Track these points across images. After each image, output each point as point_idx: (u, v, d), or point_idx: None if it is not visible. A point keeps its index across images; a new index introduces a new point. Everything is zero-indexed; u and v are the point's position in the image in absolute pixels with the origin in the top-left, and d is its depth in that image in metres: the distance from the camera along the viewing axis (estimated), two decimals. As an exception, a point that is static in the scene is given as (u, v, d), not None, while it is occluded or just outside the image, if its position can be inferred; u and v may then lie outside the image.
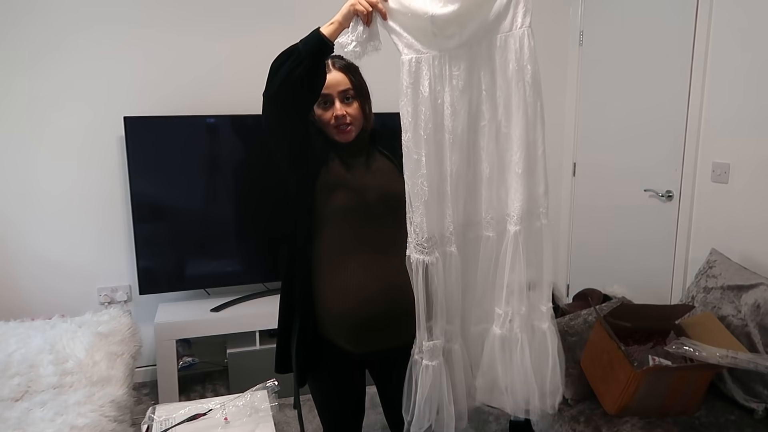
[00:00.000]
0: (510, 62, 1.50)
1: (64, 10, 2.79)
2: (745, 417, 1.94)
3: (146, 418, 1.88)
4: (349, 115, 1.58)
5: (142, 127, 2.80)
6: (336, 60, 1.58)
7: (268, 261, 3.11)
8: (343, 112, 1.57)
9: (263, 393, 1.98)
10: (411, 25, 1.51)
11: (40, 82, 2.82)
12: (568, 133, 3.59)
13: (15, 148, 2.84)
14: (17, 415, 1.97)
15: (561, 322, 2.44)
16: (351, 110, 1.59)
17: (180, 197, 2.91)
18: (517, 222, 1.52)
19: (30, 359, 2.22)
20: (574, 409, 2.07)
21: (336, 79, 1.56)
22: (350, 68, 1.60)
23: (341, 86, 1.57)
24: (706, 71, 2.61)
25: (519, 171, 1.52)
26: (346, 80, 1.57)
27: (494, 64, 1.52)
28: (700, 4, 2.60)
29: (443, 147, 1.51)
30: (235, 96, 3.06)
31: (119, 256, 3.06)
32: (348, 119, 1.58)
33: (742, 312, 2.07)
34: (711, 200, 2.64)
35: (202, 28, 2.98)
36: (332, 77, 1.56)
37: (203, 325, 2.88)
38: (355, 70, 1.62)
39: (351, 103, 1.59)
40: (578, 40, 3.45)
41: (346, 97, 1.58)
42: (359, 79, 1.62)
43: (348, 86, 1.58)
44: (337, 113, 1.56)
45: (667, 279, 2.88)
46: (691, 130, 2.70)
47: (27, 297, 2.94)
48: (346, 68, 1.59)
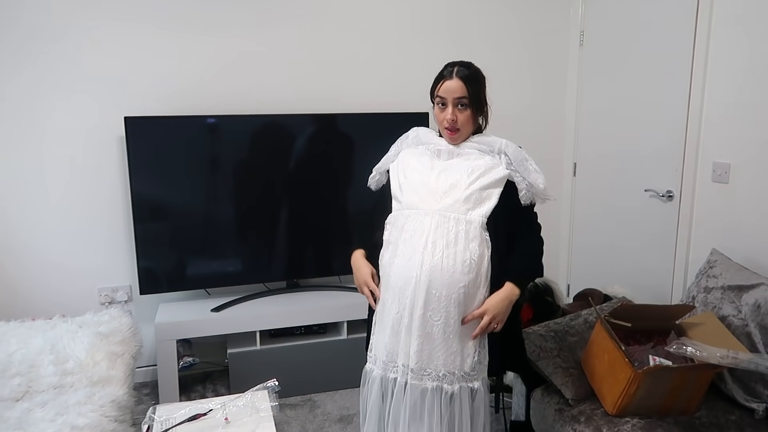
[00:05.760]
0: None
1: (63, 10, 2.79)
2: (745, 417, 1.94)
3: (147, 418, 1.88)
4: (458, 121, 1.77)
5: (143, 127, 2.80)
6: (460, 69, 1.77)
7: (269, 261, 3.11)
8: (454, 117, 1.76)
9: (264, 393, 1.98)
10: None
11: (40, 82, 2.82)
12: (568, 133, 3.59)
13: (15, 148, 2.84)
14: (18, 415, 1.97)
15: (561, 322, 2.44)
16: (462, 117, 1.77)
17: (180, 197, 2.91)
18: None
19: (30, 359, 2.22)
20: (574, 409, 2.07)
21: (453, 87, 1.75)
22: (470, 79, 1.77)
23: (457, 93, 1.76)
24: (707, 71, 2.61)
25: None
26: (464, 89, 1.75)
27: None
28: (701, 4, 2.60)
29: None
30: (235, 96, 3.06)
31: (120, 256, 3.06)
32: (457, 125, 1.77)
33: (742, 312, 2.07)
34: (711, 200, 2.64)
35: (202, 28, 2.98)
36: (451, 84, 1.75)
37: (204, 325, 2.88)
38: (475, 80, 1.78)
39: (464, 111, 1.77)
40: (578, 40, 3.45)
41: (460, 103, 1.76)
42: (477, 90, 1.78)
43: (464, 95, 1.75)
44: (448, 116, 1.76)
45: (667, 279, 2.88)
46: (692, 130, 2.70)
47: (27, 297, 2.94)
48: (466, 78, 1.76)
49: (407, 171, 1.84)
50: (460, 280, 1.69)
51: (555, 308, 2.75)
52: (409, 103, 2.98)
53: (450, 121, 1.76)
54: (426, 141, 1.89)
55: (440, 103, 1.79)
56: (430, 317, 1.70)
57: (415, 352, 1.71)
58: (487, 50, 3.40)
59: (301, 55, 3.13)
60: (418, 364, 1.71)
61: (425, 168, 1.81)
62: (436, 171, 1.79)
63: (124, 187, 2.97)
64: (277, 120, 2.99)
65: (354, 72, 3.22)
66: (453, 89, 1.75)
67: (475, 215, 1.71)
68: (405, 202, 1.80)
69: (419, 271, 1.69)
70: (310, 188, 3.08)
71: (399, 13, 3.25)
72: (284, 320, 2.97)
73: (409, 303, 1.71)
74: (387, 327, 1.77)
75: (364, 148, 3.04)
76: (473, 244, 1.70)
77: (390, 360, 1.77)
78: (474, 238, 1.70)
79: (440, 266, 1.68)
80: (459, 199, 1.72)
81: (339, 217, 3.12)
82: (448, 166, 1.79)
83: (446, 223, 1.70)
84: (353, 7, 3.17)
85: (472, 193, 1.72)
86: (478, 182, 1.74)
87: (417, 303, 1.70)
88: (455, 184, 1.74)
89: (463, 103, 1.76)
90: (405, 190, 1.81)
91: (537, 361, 2.24)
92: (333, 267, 3.20)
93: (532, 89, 3.52)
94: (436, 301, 1.69)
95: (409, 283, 1.70)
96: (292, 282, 3.21)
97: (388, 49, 3.26)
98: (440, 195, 1.74)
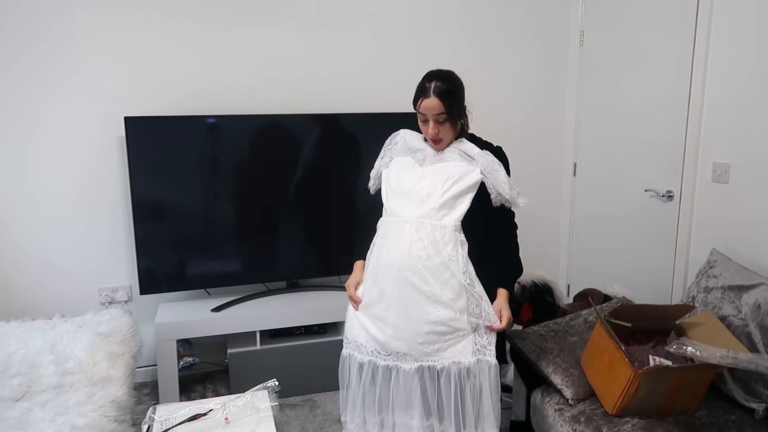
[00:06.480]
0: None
1: (63, 10, 2.79)
2: (745, 417, 1.94)
3: (147, 418, 1.88)
4: (440, 133, 1.95)
5: (143, 128, 2.80)
6: (437, 85, 1.90)
7: (269, 261, 3.11)
8: (435, 131, 1.94)
9: (264, 393, 1.98)
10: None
11: (41, 82, 2.82)
12: (568, 133, 3.59)
13: (15, 148, 2.84)
14: (18, 415, 1.97)
15: (561, 322, 2.45)
16: (443, 129, 1.94)
17: (180, 197, 2.91)
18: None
19: (30, 359, 2.22)
20: (574, 409, 2.07)
21: (432, 105, 1.90)
22: (447, 94, 1.90)
23: (435, 111, 1.91)
24: (707, 71, 2.61)
25: None
26: (441, 106, 1.90)
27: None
28: (701, 4, 2.60)
29: None
30: (235, 96, 3.06)
31: (120, 256, 3.06)
32: (439, 136, 1.95)
33: (742, 312, 2.07)
34: (711, 200, 2.64)
35: (203, 29, 2.98)
36: (429, 102, 1.90)
37: (204, 325, 2.88)
38: (451, 95, 1.91)
39: (443, 124, 1.93)
40: (578, 40, 3.45)
41: (440, 119, 1.92)
42: (454, 103, 1.92)
43: (441, 111, 1.90)
44: (430, 131, 1.95)
45: (667, 279, 2.88)
46: (692, 130, 2.70)
47: (27, 297, 2.94)
48: (443, 94, 1.89)
49: (391, 179, 2.04)
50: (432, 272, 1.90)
51: (555, 308, 2.75)
52: (409, 103, 2.96)
53: (432, 134, 1.95)
54: (414, 147, 2.07)
55: (422, 118, 1.96)
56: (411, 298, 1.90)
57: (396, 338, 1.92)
58: (487, 50, 3.40)
59: (302, 55, 3.13)
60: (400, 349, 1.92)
61: (409, 176, 2.00)
62: (417, 177, 1.98)
63: (124, 188, 2.97)
64: (277, 120, 2.99)
65: (354, 72, 3.22)
66: (432, 107, 1.90)
67: (448, 220, 1.92)
68: (389, 209, 2.02)
69: (397, 270, 1.91)
70: (310, 188, 3.08)
71: (399, 13, 3.25)
72: (284, 320, 2.98)
73: (389, 294, 1.93)
74: (377, 319, 1.97)
75: (364, 148, 3.04)
76: (449, 246, 1.90)
77: (380, 349, 1.96)
78: (449, 241, 1.90)
79: (418, 265, 1.89)
80: (434, 207, 1.92)
81: (339, 217, 3.12)
82: (429, 171, 1.98)
83: (423, 228, 1.91)
84: (354, 7, 3.17)
85: (446, 201, 1.92)
86: (451, 190, 1.93)
87: (395, 291, 1.92)
88: (431, 193, 1.93)
89: (442, 118, 1.92)
90: (390, 198, 2.03)
91: (537, 361, 2.24)
92: (333, 267, 3.20)
93: (532, 89, 3.52)
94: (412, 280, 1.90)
95: (390, 278, 1.93)
96: (292, 282, 3.21)
97: (388, 49, 3.26)
98: (419, 203, 1.94)
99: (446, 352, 1.90)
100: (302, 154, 3.04)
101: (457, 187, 1.92)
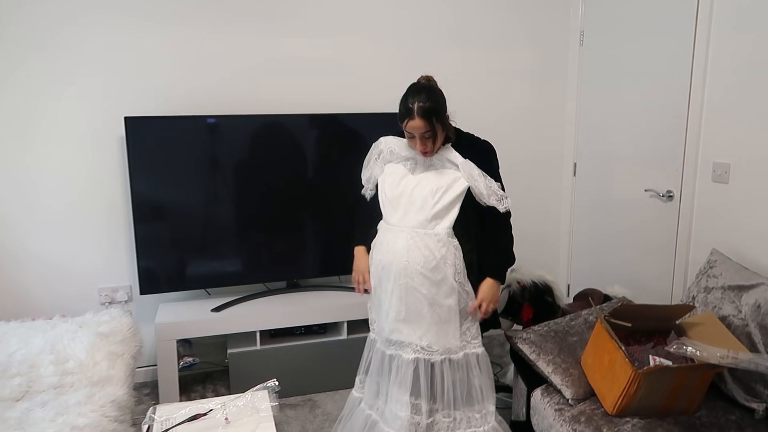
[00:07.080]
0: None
1: (63, 10, 2.80)
2: (745, 417, 1.94)
3: (147, 418, 1.88)
4: (428, 146, 2.07)
5: (143, 128, 2.80)
6: (420, 106, 1.98)
7: (269, 261, 3.11)
8: (423, 146, 2.07)
9: (264, 393, 1.98)
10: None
11: (41, 83, 2.82)
12: (568, 133, 3.59)
13: (15, 148, 2.84)
14: (18, 415, 1.96)
15: (561, 322, 2.44)
16: (430, 143, 2.06)
17: (180, 197, 2.91)
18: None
19: (30, 359, 2.22)
20: (574, 409, 2.07)
21: (417, 125, 2.00)
22: (430, 113, 1.99)
23: (421, 130, 2.01)
24: (707, 71, 2.61)
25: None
26: (426, 125, 2.00)
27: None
28: (701, 4, 2.61)
29: None
30: (235, 96, 3.06)
31: (120, 256, 3.06)
32: (427, 149, 2.08)
33: (742, 312, 2.07)
34: (711, 200, 2.64)
35: (203, 29, 2.98)
36: (415, 123, 2.00)
37: (204, 325, 2.88)
38: (435, 112, 2.00)
39: (430, 138, 2.05)
40: (578, 40, 3.46)
41: (425, 136, 2.03)
42: (437, 119, 2.02)
43: (426, 130, 2.01)
44: (418, 147, 2.08)
45: (667, 279, 2.88)
46: (692, 130, 2.70)
47: (27, 297, 2.94)
48: (426, 114, 1.99)
49: (386, 188, 2.17)
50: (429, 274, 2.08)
51: (555, 308, 2.75)
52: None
53: (421, 150, 2.08)
54: (403, 155, 2.18)
55: (409, 135, 2.07)
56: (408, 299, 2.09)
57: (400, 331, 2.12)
58: (487, 50, 3.40)
59: (302, 55, 3.13)
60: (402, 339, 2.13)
61: (402, 185, 2.13)
62: (410, 187, 2.11)
63: (124, 187, 2.97)
64: (277, 120, 2.99)
65: (354, 72, 3.22)
66: (417, 127, 2.01)
67: (440, 228, 2.07)
68: (386, 217, 2.17)
69: (395, 275, 2.09)
70: (309, 188, 3.08)
71: (400, 13, 3.25)
72: (284, 320, 2.98)
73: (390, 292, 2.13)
74: (386, 315, 2.15)
75: (364, 148, 3.03)
76: (442, 250, 2.05)
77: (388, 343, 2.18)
78: (442, 246, 2.06)
79: (414, 268, 2.06)
80: (427, 218, 2.07)
81: (339, 216, 3.12)
82: (421, 179, 2.11)
83: (417, 236, 2.07)
84: (354, 8, 3.17)
85: (438, 212, 2.07)
86: (441, 201, 2.07)
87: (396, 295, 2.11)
88: (423, 205, 2.07)
89: (428, 135, 2.03)
90: (386, 206, 2.17)
91: (537, 361, 2.24)
92: (333, 267, 3.20)
93: (532, 89, 3.52)
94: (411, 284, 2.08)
95: (390, 281, 2.11)
96: (292, 282, 3.21)
97: (388, 49, 3.26)
98: (413, 213, 2.09)
99: (435, 337, 2.09)
100: (302, 154, 3.04)
101: (446, 198, 2.07)
